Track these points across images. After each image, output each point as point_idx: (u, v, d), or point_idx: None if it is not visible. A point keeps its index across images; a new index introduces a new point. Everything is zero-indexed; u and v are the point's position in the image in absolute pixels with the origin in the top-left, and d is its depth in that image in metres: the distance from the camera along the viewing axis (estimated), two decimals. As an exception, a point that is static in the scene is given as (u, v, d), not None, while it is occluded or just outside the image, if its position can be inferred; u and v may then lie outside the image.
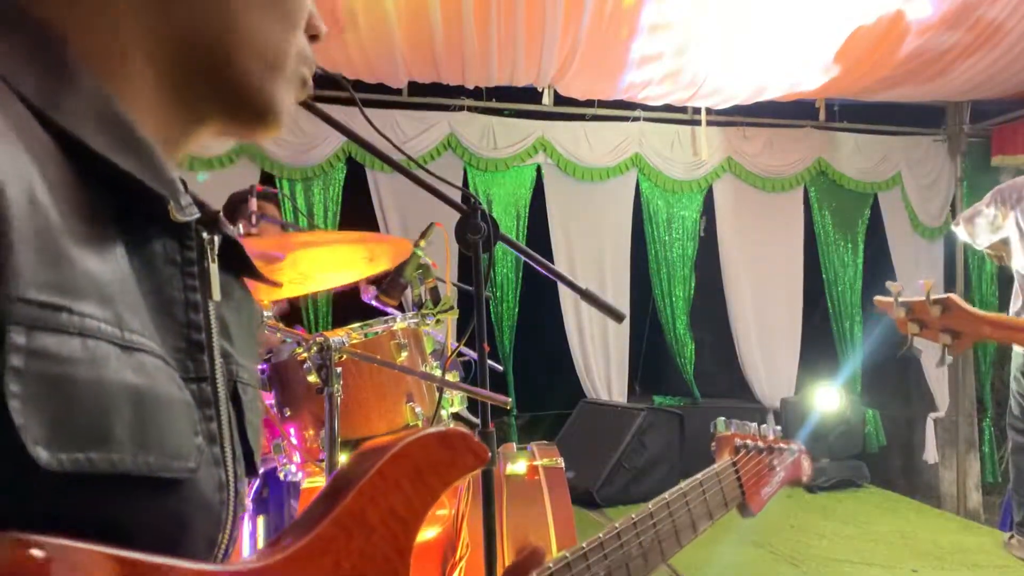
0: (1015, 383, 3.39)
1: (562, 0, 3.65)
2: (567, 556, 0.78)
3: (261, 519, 2.14)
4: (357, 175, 4.78)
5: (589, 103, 4.95)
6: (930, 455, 5.42)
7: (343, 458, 1.62)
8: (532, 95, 4.93)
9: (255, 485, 2.10)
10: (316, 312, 4.62)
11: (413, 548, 0.51)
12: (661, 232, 5.34)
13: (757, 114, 5.19)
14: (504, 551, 1.79)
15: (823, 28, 3.97)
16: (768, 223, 5.41)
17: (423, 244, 1.78)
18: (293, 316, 4.27)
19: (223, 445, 0.51)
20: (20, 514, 0.37)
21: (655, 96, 4.63)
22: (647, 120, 5.18)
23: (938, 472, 5.51)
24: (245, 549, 2.00)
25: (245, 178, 4.28)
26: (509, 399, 1.32)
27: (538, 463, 2.17)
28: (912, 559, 3.80)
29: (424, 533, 1.97)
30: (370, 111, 1.14)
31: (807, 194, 5.49)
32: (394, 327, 1.81)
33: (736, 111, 5.00)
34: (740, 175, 5.37)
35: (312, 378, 1.66)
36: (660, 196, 5.31)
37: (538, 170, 5.10)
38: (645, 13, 3.78)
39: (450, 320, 1.88)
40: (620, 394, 5.26)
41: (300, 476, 1.91)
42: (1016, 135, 5.24)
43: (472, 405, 1.88)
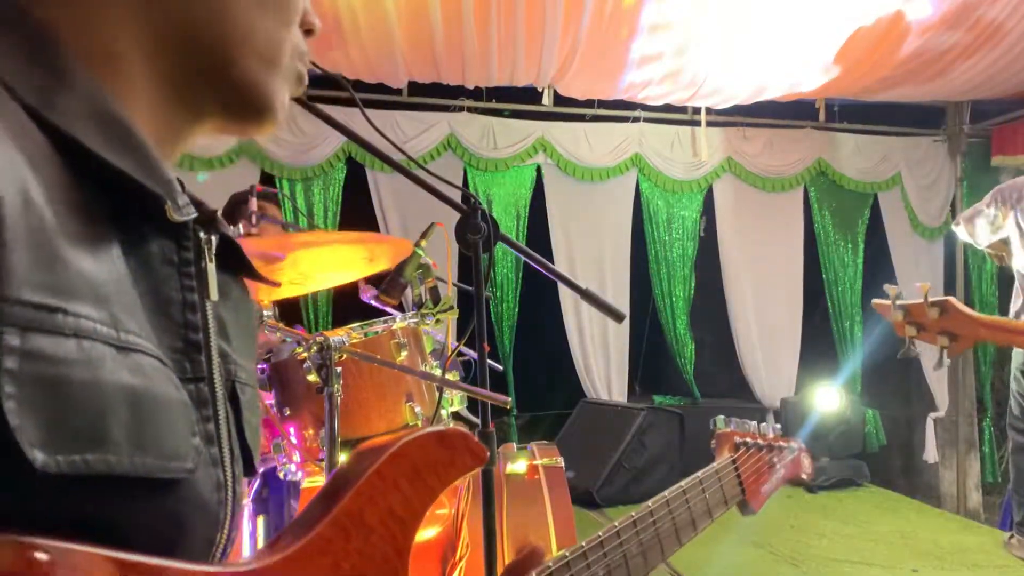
0: (1015, 383, 3.39)
1: (562, 0, 3.65)
2: (566, 555, 0.78)
3: (261, 519, 2.14)
4: (357, 175, 4.78)
5: (589, 103, 4.95)
6: (930, 455, 5.42)
7: (343, 458, 1.62)
8: (532, 95, 4.93)
9: (255, 485, 2.11)
10: (316, 312, 4.62)
11: (412, 548, 0.51)
12: (661, 232, 5.34)
13: (757, 114, 5.19)
14: (504, 551, 1.79)
15: (823, 28, 3.97)
16: (768, 223, 5.41)
17: (424, 244, 1.78)
18: (293, 316, 4.27)
19: (221, 445, 0.51)
20: (17, 516, 0.37)
21: (655, 96, 4.63)
22: (647, 120, 5.18)
23: (938, 472, 5.51)
24: (245, 549, 2.00)
25: (245, 178, 4.28)
26: (509, 399, 1.31)
27: (538, 463, 2.16)
28: (912, 559, 3.80)
29: (424, 533, 1.97)
30: (370, 111, 1.13)
31: (807, 194, 5.49)
32: (394, 327, 1.81)
33: (736, 111, 5.00)
34: (740, 175, 5.37)
35: (312, 378, 1.66)
36: (660, 196, 5.31)
37: (538, 170, 5.10)
38: (645, 13, 3.77)
39: (450, 320, 1.88)
40: (620, 394, 5.25)
41: (300, 476, 1.91)
42: (1016, 135, 5.24)
43: (472, 405, 1.88)
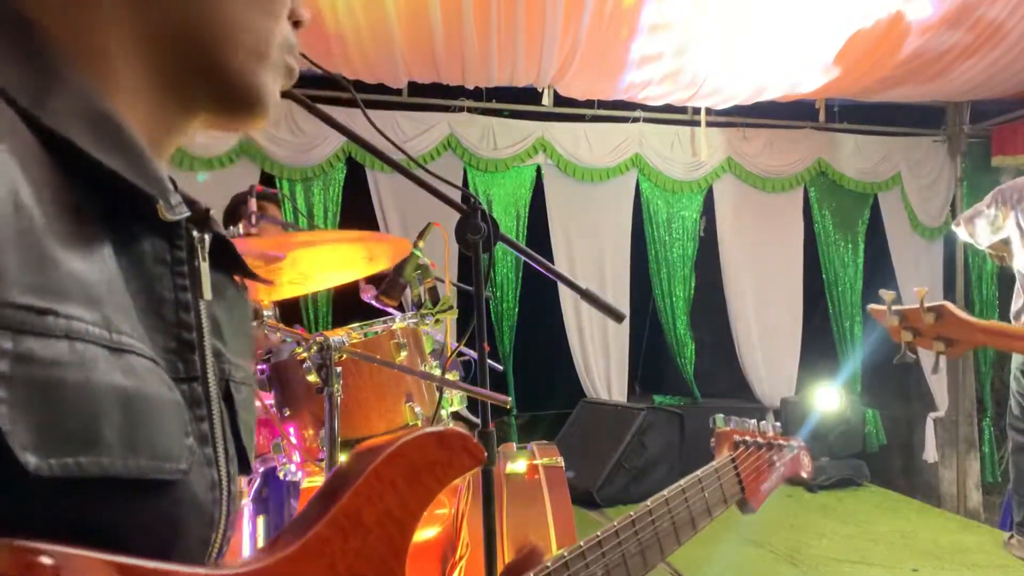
0: (1015, 383, 3.38)
1: (562, 0, 3.65)
2: (565, 555, 0.78)
3: (261, 519, 2.14)
4: (357, 175, 4.78)
5: (589, 103, 4.95)
6: (930, 455, 5.42)
7: (343, 458, 1.62)
8: (532, 95, 4.92)
9: (255, 485, 2.10)
10: (316, 312, 4.62)
11: (409, 549, 0.51)
12: (661, 232, 5.34)
13: (757, 114, 5.19)
14: (504, 551, 1.79)
15: (823, 29, 3.97)
16: (768, 223, 5.41)
17: (421, 244, 1.78)
18: (293, 316, 4.27)
19: (215, 445, 0.51)
20: (13, 519, 0.36)
21: (655, 96, 4.63)
22: (647, 120, 5.18)
23: (938, 472, 5.51)
24: (245, 549, 2.00)
25: (245, 178, 4.28)
26: (509, 399, 1.31)
27: (538, 462, 2.16)
28: (912, 558, 3.80)
29: (424, 532, 1.97)
30: (370, 111, 1.14)
31: (807, 194, 5.49)
32: (393, 327, 1.81)
33: (736, 111, 5.00)
34: (740, 175, 5.37)
35: (312, 378, 1.66)
36: (660, 196, 5.31)
37: (538, 170, 5.10)
38: (645, 13, 3.77)
39: (449, 320, 1.88)
40: (620, 394, 5.26)
41: (300, 476, 1.90)
42: (1016, 135, 5.24)
43: (472, 405, 1.88)
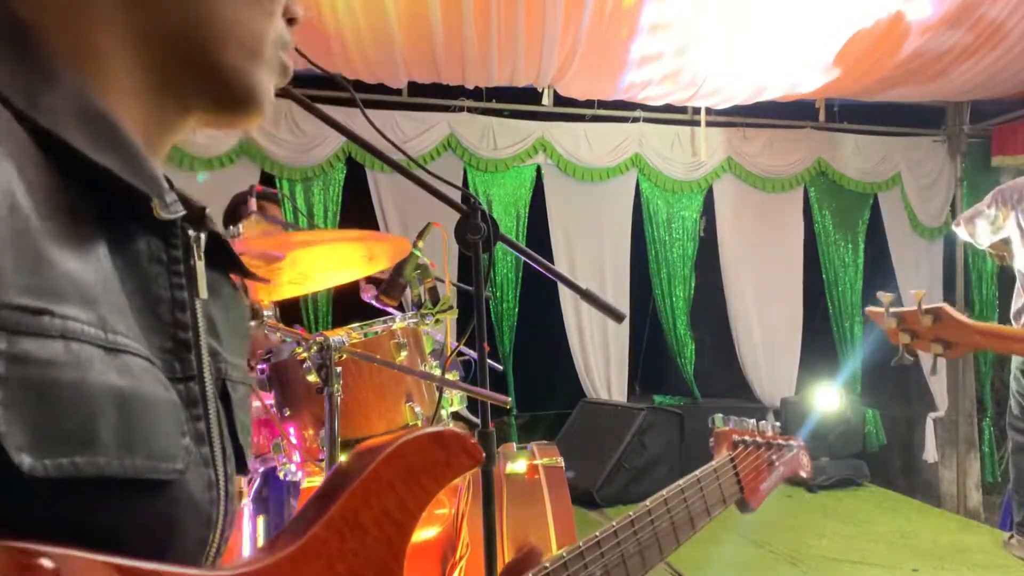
0: (1015, 382, 3.38)
1: (562, 0, 3.65)
2: (564, 556, 0.78)
3: (261, 519, 2.14)
4: (357, 175, 4.78)
5: (589, 103, 4.95)
6: (930, 455, 5.42)
7: (343, 458, 1.62)
8: (532, 95, 4.92)
9: (255, 485, 2.10)
10: (316, 312, 4.62)
11: (409, 549, 0.50)
12: (661, 232, 5.34)
13: (757, 114, 5.19)
14: (504, 551, 1.79)
15: (823, 29, 3.97)
16: (768, 223, 5.41)
17: (421, 244, 1.78)
18: (293, 316, 4.27)
19: (212, 444, 0.51)
20: (9, 520, 0.36)
21: (655, 96, 4.63)
22: (647, 120, 5.18)
23: (938, 472, 5.51)
24: (245, 549, 2.01)
25: (245, 178, 4.28)
26: (509, 399, 1.32)
27: (538, 463, 2.16)
28: (912, 558, 3.80)
29: (424, 532, 1.97)
30: (370, 111, 1.14)
31: (807, 194, 5.49)
32: (393, 327, 1.81)
33: (736, 111, 5.00)
34: (740, 175, 5.37)
35: (312, 378, 1.66)
36: (660, 196, 5.31)
37: (538, 170, 5.10)
38: (645, 13, 3.78)
39: (449, 320, 1.88)
40: (620, 394, 5.26)
41: (300, 476, 1.91)
42: (1016, 135, 5.24)
43: (472, 405, 1.88)
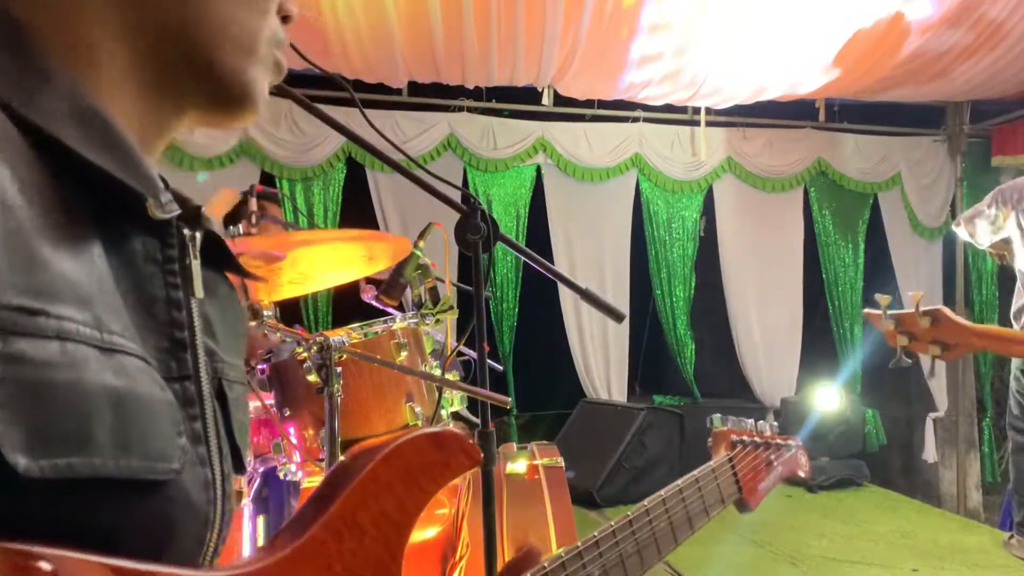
0: (1015, 382, 3.38)
1: (562, 0, 3.65)
2: (562, 556, 0.78)
3: (261, 519, 2.14)
4: (357, 175, 4.78)
5: (589, 103, 4.95)
6: (930, 455, 5.42)
7: (341, 458, 1.62)
8: (532, 95, 4.93)
9: (255, 485, 2.11)
10: (316, 312, 4.62)
11: (406, 550, 0.50)
12: (661, 232, 5.34)
13: (757, 114, 5.19)
14: (504, 551, 1.79)
15: (823, 29, 3.97)
16: (768, 223, 5.41)
17: (422, 244, 1.78)
18: (293, 316, 4.28)
19: (208, 444, 0.51)
20: (5, 521, 0.36)
21: (655, 96, 4.63)
22: (647, 120, 5.18)
23: (938, 472, 5.51)
24: (245, 549, 2.01)
25: (245, 178, 4.28)
26: (509, 399, 1.32)
27: (538, 463, 2.17)
28: (912, 558, 3.80)
29: (424, 532, 1.98)
30: (370, 111, 1.14)
31: (807, 194, 5.50)
32: (394, 327, 1.81)
33: (736, 111, 5.00)
34: (740, 175, 5.37)
35: (312, 378, 1.66)
36: (660, 196, 5.31)
37: (538, 170, 5.10)
38: (645, 13, 3.78)
39: (450, 320, 1.88)
40: (620, 394, 5.26)
41: (300, 476, 1.91)
42: (1016, 135, 5.24)
43: (472, 405, 1.88)
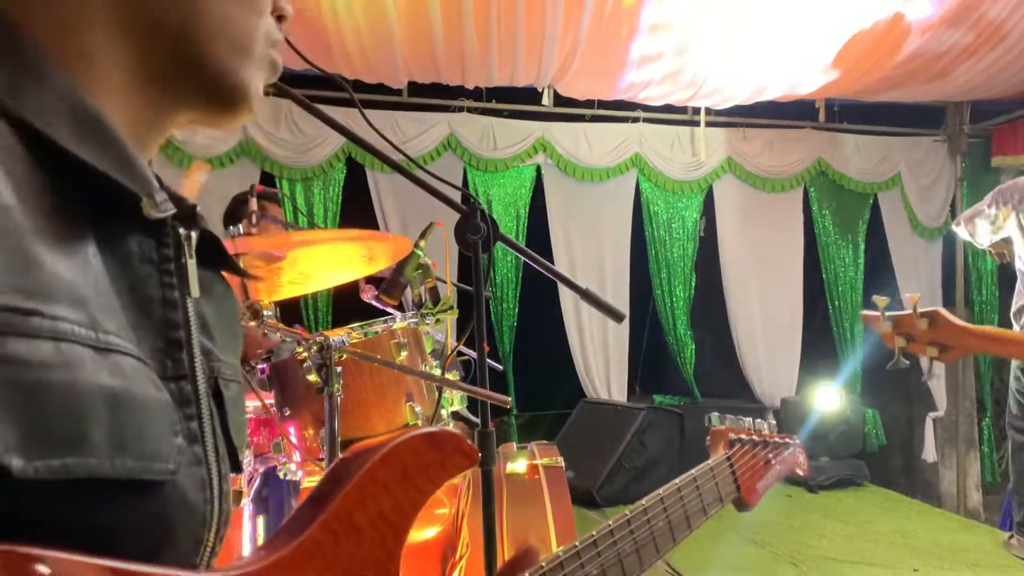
0: (1015, 382, 3.39)
1: (562, 0, 3.65)
2: (560, 555, 0.78)
3: (261, 519, 2.14)
4: (357, 175, 4.78)
5: (589, 103, 4.95)
6: (930, 454, 5.42)
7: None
8: (532, 95, 4.92)
9: (255, 485, 2.11)
10: (316, 312, 4.62)
11: (404, 550, 0.50)
12: (661, 232, 5.34)
13: (757, 114, 5.19)
14: (504, 551, 1.79)
15: (823, 29, 3.97)
16: (768, 223, 5.41)
17: (423, 244, 1.78)
18: (293, 316, 4.28)
19: (205, 443, 0.51)
20: (2, 523, 0.36)
21: (655, 96, 4.63)
22: (647, 120, 5.18)
23: (938, 471, 5.50)
24: (245, 549, 2.01)
25: (245, 178, 4.28)
26: (509, 399, 1.32)
27: (538, 462, 2.17)
28: (912, 558, 3.80)
29: (424, 532, 1.98)
30: (370, 111, 1.14)
31: (807, 194, 5.49)
32: (394, 327, 1.81)
33: (736, 111, 5.00)
34: (740, 175, 5.37)
35: (312, 377, 1.66)
36: (660, 196, 5.31)
37: (538, 170, 5.10)
38: (645, 13, 3.78)
39: (450, 320, 1.88)
40: (620, 394, 5.26)
41: (300, 475, 1.91)
42: (1016, 135, 5.24)
43: (472, 404, 1.88)
